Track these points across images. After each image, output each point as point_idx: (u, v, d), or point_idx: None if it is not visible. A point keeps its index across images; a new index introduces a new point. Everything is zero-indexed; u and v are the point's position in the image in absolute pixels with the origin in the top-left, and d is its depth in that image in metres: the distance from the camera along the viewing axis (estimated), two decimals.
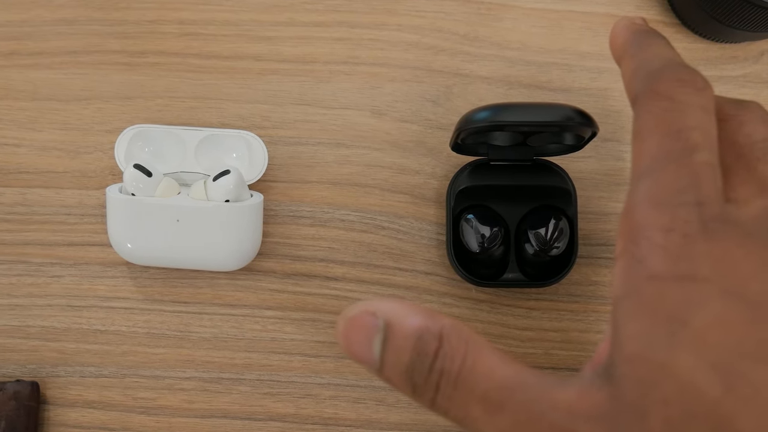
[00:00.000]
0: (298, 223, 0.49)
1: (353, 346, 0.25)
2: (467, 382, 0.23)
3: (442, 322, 0.24)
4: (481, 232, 0.46)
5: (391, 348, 0.24)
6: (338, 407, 0.47)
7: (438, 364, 0.23)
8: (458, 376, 0.23)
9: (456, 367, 0.23)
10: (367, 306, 0.25)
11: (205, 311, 0.48)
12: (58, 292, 0.48)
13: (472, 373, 0.23)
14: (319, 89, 0.49)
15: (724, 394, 0.20)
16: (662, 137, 0.24)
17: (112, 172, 0.49)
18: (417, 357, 0.24)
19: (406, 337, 0.24)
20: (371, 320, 0.24)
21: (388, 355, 0.24)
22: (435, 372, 0.23)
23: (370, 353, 0.24)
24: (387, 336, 0.24)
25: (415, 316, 0.24)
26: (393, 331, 0.24)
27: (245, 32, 0.50)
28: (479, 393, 0.23)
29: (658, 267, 0.21)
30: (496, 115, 0.42)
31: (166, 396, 0.47)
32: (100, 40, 0.50)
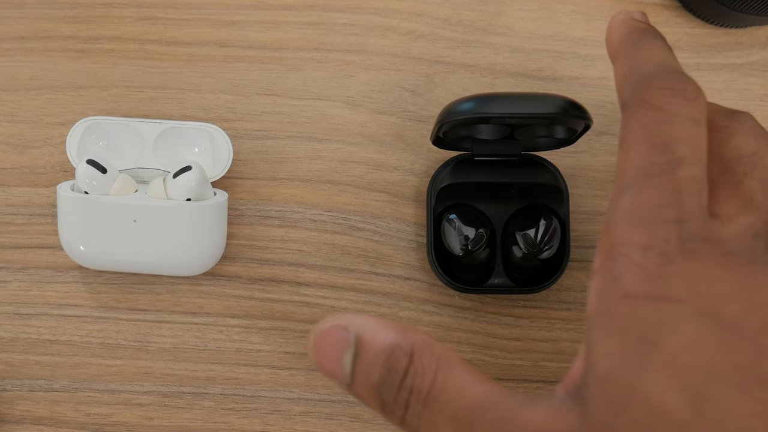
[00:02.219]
0: (265, 224, 0.47)
1: (323, 361, 0.25)
2: (437, 400, 0.24)
3: (413, 339, 0.25)
4: (464, 234, 0.45)
5: (361, 364, 0.25)
6: (309, 423, 0.46)
7: (408, 381, 0.24)
8: (428, 394, 0.24)
9: (426, 385, 0.24)
10: (339, 320, 0.26)
11: (165, 320, 0.47)
12: (4, 298, 0.47)
13: (442, 391, 0.24)
14: (289, 78, 0.48)
15: (693, 418, 0.20)
16: (648, 149, 0.24)
17: (63, 168, 0.48)
18: (387, 374, 0.24)
19: (376, 354, 0.24)
20: (342, 335, 0.25)
21: (358, 371, 0.25)
22: (405, 390, 0.24)
23: (340, 368, 0.25)
24: (358, 351, 0.25)
25: (386, 331, 0.25)
26: (364, 347, 0.25)
27: (208, 16, 0.49)
28: (449, 412, 0.23)
29: (633, 286, 0.22)
30: (480, 106, 0.40)
31: (123, 412, 0.46)
32: (51, 24, 0.49)
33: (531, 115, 0.40)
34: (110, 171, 0.44)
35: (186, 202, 0.43)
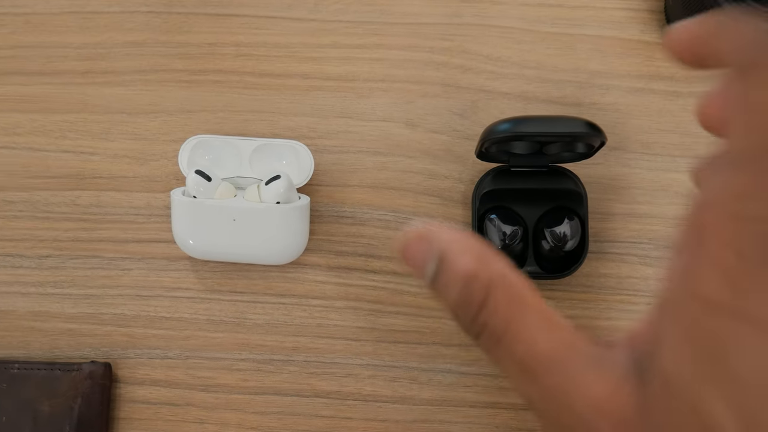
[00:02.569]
0: (340, 223, 0.52)
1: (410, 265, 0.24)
2: (508, 344, 0.22)
3: (491, 270, 0.23)
4: (502, 231, 0.49)
5: (441, 280, 0.24)
6: (376, 385, 0.51)
7: (482, 317, 0.23)
8: (501, 336, 0.23)
9: (500, 326, 0.23)
10: (424, 231, 0.24)
11: (258, 300, 0.52)
12: (128, 283, 0.52)
13: (513, 338, 0.22)
14: (359, 104, 0.53)
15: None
16: None
17: (176, 177, 0.53)
18: (463, 302, 0.23)
19: (455, 279, 0.23)
20: (426, 248, 0.24)
21: (438, 284, 0.24)
22: (478, 323, 0.23)
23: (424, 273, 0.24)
24: (439, 267, 0.23)
25: (466, 257, 0.23)
26: (444, 267, 0.23)
27: (294, 53, 0.54)
28: (518, 358, 0.22)
29: (713, 291, 0.19)
30: (516, 126, 0.44)
31: (224, 375, 0.51)
32: (166, 60, 0.54)
33: (557, 134, 0.45)
34: (214, 179, 0.48)
35: (276, 204, 0.48)
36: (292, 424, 0.51)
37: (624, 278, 0.51)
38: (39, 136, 0.54)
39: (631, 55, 0.54)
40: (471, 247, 0.24)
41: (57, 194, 0.53)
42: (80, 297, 0.52)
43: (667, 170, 0.52)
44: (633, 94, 0.53)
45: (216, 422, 0.51)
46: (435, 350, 0.51)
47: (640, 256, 0.51)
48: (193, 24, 0.55)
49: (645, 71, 0.53)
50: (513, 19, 0.54)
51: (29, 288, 0.53)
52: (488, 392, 0.50)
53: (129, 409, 0.51)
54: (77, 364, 0.50)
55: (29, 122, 0.54)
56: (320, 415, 0.51)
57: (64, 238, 0.53)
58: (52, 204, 0.53)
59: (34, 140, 0.54)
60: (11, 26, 0.55)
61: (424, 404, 0.51)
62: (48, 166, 0.54)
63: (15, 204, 0.54)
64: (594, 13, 0.54)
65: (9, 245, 0.53)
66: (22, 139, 0.54)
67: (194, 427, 0.51)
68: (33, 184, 0.54)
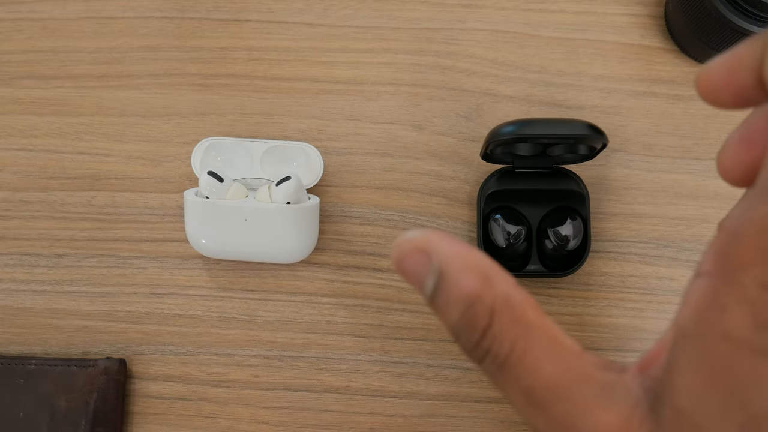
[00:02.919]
0: (349, 222, 0.53)
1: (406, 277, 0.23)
2: (512, 371, 0.21)
3: (495, 292, 0.21)
4: (507, 230, 0.49)
5: (441, 298, 0.22)
6: (384, 381, 0.52)
7: (485, 343, 0.21)
8: (504, 362, 0.21)
9: (504, 352, 0.21)
10: (422, 242, 0.22)
11: (269, 298, 0.53)
12: (142, 281, 0.53)
13: (518, 363, 0.21)
14: (368, 107, 0.54)
15: None
16: None
17: (189, 178, 0.54)
18: (464, 325, 0.22)
19: (456, 298, 0.21)
20: (425, 261, 0.22)
21: (438, 302, 0.22)
22: (481, 349, 0.22)
23: (422, 288, 0.22)
24: (439, 284, 0.22)
25: (469, 276, 0.21)
26: (444, 284, 0.22)
27: (304, 57, 0.55)
28: (523, 386, 0.21)
29: (737, 328, 0.18)
30: (520, 129, 0.45)
31: (236, 371, 0.52)
32: (179, 64, 0.55)
33: (560, 136, 0.45)
34: (226, 180, 0.49)
35: (286, 205, 0.48)
36: (302, 419, 0.52)
37: (625, 277, 0.52)
38: (56, 138, 0.55)
39: (632, 60, 0.55)
40: (474, 264, 0.22)
41: (73, 195, 0.54)
42: (96, 295, 0.53)
43: (668, 171, 0.53)
44: (634, 97, 0.54)
45: (228, 417, 0.52)
46: (441, 347, 0.52)
47: (641, 255, 0.52)
48: (206, 29, 0.56)
49: (646, 75, 0.54)
50: (517, 24, 0.55)
51: (46, 286, 0.54)
52: (493, 388, 0.51)
53: (143, 403, 0.52)
54: (93, 360, 0.51)
55: (46, 125, 0.55)
56: (329, 409, 0.52)
57: (80, 237, 0.54)
58: (68, 204, 0.54)
59: (50, 142, 0.55)
60: (28, 31, 0.57)
61: (430, 399, 0.52)
62: (64, 168, 0.55)
63: (32, 204, 0.55)
64: (596, 18, 0.55)
65: (26, 244, 0.54)
66: (39, 141, 0.55)
67: (207, 421, 0.52)
68: (50, 185, 0.55)
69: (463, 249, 0.22)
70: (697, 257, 0.52)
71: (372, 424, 0.51)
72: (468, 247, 0.22)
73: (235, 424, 0.52)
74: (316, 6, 0.56)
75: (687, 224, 0.53)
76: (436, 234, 0.23)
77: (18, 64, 0.56)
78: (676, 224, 0.53)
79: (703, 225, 0.53)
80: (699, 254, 0.52)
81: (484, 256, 0.22)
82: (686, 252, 0.52)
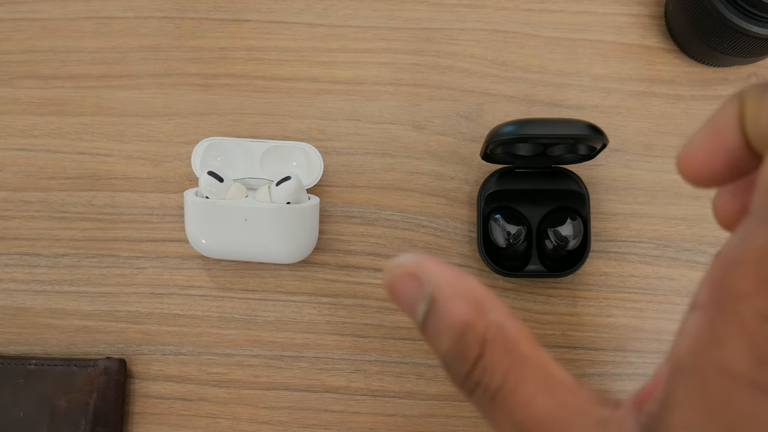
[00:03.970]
0: (349, 222, 0.53)
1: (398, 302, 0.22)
2: (503, 404, 0.20)
3: (488, 320, 0.21)
4: (507, 230, 0.49)
5: (432, 325, 0.21)
6: (384, 381, 0.52)
7: (476, 374, 0.21)
8: (495, 394, 0.20)
9: (494, 384, 0.20)
10: (414, 268, 0.22)
11: (269, 298, 0.53)
12: (142, 281, 0.53)
13: (510, 396, 0.20)
14: (368, 107, 0.54)
15: None
16: None
17: (189, 178, 0.54)
18: (455, 355, 0.21)
19: (447, 326, 0.21)
20: (416, 287, 0.21)
21: (428, 328, 0.22)
22: (471, 380, 0.21)
23: (413, 315, 0.22)
24: (430, 311, 0.21)
25: (461, 303, 0.21)
26: (436, 311, 0.21)
27: (304, 57, 0.55)
28: (514, 420, 0.20)
29: (736, 363, 0.17)
30: (520, 129, 0.45)
31: (236, 371, 0.52)
32: (179, 64, 0.55)
33: (560, 136, 0.45)
34: (226, 180, 0.49)
35: (286, 205, 0.48)
36: (302, 419, 0.52)
37: (625, 276, 0.52)
38: (56, 138, 0.55)
39: (632, 60, 0.55)
40: (465, 290, 0.21)
41: (73, 195, 0.55)
42: (96, 295, 0.53)
43: (667, 171, 0.53)
44: (634, 97, 0.54)
45: (228, 417, 0.52)
46: None
47: (641, 255, 0.53)
48: (206, 29, 0.56)
49: (646, 75, 0.54)
50: (517, 24, 0.55)
51: (46, 286, 0.54)
52: None
53: (143, 403, 0.52)
54: (93, 360, 0.51)
55: (46, 125, 0.56)
56: (330, 409, 0.52)
57: (80, 237, 0.54)
58: (68, 204, 0.55)
59: (51, 142, 0.55)
60: (28, 31, 0.57)
61: (430, 399, 0.52)
62: (64, 168, 0.55)
63: (32, 204, 0.55)
64: (596, 18, 0.55)
65: (26, 244, 0.54)
66: (39, 141, 0.55)
67: (207, 421, 0.52)
68: (50, 185, 0.55)
69: (455, 275, 0.22)
70: (697, 257, 0.52)
71: (372, 424, 0.52)
72: (461, 273, 0.22)
73: (235, 424, 0.52)
74: (316, 6, 0.56)
75: (687, 224, 0.53)
76: (428, 259, 0.22)
77: (18, 64, 0.56)
78: (676, 224, 0.53)
79: (703, 225, 0.53)
80: (699, 254, 0.52)
81: (478, 283, 0.22)
82: (686, 252, 0.52)
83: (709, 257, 0.52)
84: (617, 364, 0.52)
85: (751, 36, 0.47)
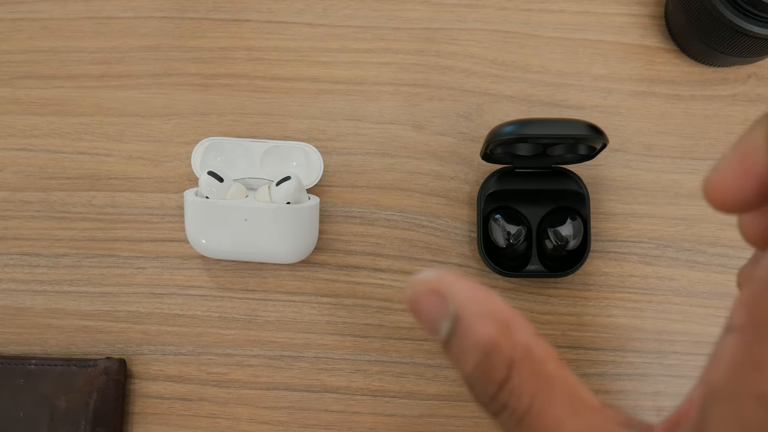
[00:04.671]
0: (349, 222, 0.53)
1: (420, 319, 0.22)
2: (531, 427, 0.20)
3: (514, 341, 0.20)
4: (507, 230, 0.50)
5: (456, 344, 0.21)
6: (384, 381, 0.52)
7: (502, 397, 0.20)
8: (522, 418, 0.20)
9: (522, 407, 0.20)
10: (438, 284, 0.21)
11: (269, 298, 0.53)
12: (142, 281, 0.53)
13: (537, 419, 0.20)
14: (368, 107, 0.54)
15: None
16: None
17: (189, 178, 0.54)
18: (480, 376, 0.20)
19: (472, 348, 0.20)
20: (440, 304, 0.21)
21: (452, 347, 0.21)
22: (498, 402, 0.20)
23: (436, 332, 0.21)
24: (454, 330, 0.21)
25: (486, 323, 0.20)
26: (460, 330, 0.21)
27: (304, 57, 0.55)
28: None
29: None
30: (520, 129, 0.45)
31: (236, 371, 0.52)
32: (179, 64, 0.55)
33: (560, 136, 0.45)
34: (226, 180, 0.49)
35: (286, 205, 0.48)
36: (302, 419, 0.52)
37: (625, 276, 0.52)
38: (56, 138, 0.55)
39: (632, 60, 0.55)
40: (491, 309, 0.21)
41: (73, 195, 0.55)
42: (96, 295, 0.53)
43: (667, 172, 0.53)
44: (634, 97, 0.54)
45: (228, 417, 0.52)
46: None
47: (641, 255, 0.53)
48: (206, 29, 0.56)
49: (646, 75, 0.54)
50: (517, 24, 0.55)
51: (46, 286, 0.54)
52: None
53: (143, 403, 0.52)
54: (93, 360, 0.51)
55: (46, 125, 0.56)
56: (330, 409, 0.52)
57: (80, 237, 0.54)
58: (68, 204, 0.55)
59: (50, 142, 0.55)
60: (28, 31, 0.57)
61: (430, 399, 0.52)
62: (64, 168, 0.55)
63: (32, 204, 0.55)
64: (596, 18, 0.55)
65: (26, 244, 0.54)
66: (39, 141, 0.55)
67: (207, 421, 0.52)
68: (50, 185, 0.55)
69: (480, 293, 0.21)
70: (697, 257, 0.52)
71: (372, 424, 0.52)
72: (486, 291, 0.21)
73: (235, 424, 0.52)
74: (316, 6, 0.56)
75: (687, 224, 0.53)
76: (452, 275, 0.21)
77: (18, 64, 0.56)
78: (676, 224, 0.53)
79: (703, 225, 0.53)
80: (699, 254, 0.52)
81: (503, 302, 0.21)
82: (686, 252, 0.52)
83: (709, 257, 0.52)
84: (617, 364, 0.52)
85: (751, 36, 0.47)
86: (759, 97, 0.54)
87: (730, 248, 0.52)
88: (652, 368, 0.51)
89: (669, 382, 0.51)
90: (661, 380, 0.51)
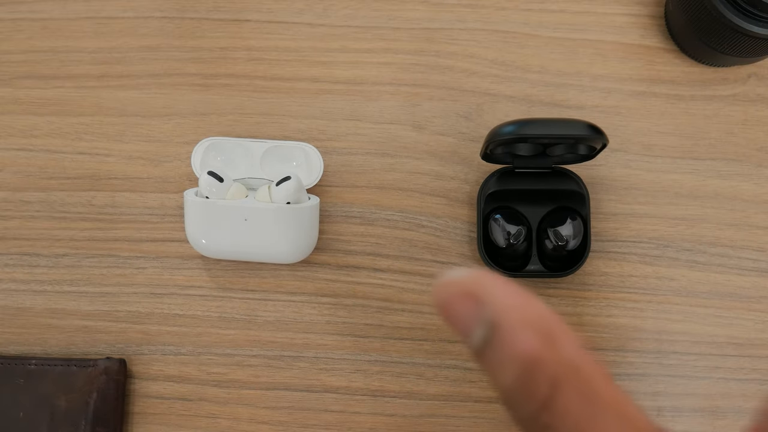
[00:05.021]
0: (349, 222, 0.53)
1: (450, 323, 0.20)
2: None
3: (560, 356, 0.18)
4: (507, 230, 0.49)
5: (492, 354, 0.19)
6: (384, 381, 0.52)
7: (545, 418, 0.18)
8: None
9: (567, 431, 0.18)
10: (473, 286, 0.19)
11: (269, 298, 0.53)
12: (142, 281, 0.53)
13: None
14: (368, 107, 0.54)
15: None
16: None
17: (188, 178, 0.54)
18: (519, 392, 0.19)
19: (511, 360, 0.18)
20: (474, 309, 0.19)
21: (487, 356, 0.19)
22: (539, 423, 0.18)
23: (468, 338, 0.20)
24: (491, 338, 0.19)
25: (529, 333, 0.18)
26: (499, 339, 0.19)
27: (304, 57, 0.55)
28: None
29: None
30: (520, 129, 0.45)
31: (236, 371, 0.52)
32: (179, 64, 0.55)
33: (560, 136, 0.45)
34: (226, 180, 0.49)
35: (286, 205, 0.48)
36: (302, 419, 0.52)
37: (625, 276, 0.52)
38: (55, 138, 0.55)
39: (632, 60, 0.55)
40: (534, 318, 0.19)
41: (73, 195, 0.55)
42: (96, 295, 0.53)
43: (667, 172, 0.53)
44: (634, 97, 0.54)
45: (228, 417, 0.52)
46: (441, 347, 0.52)
47: (641, 255, 0.53)
48: (206, 29, 0.56)
49: (646, 75, 0.54)
50: (517, 24, 0.55)
51: (46, 286, 0.54)
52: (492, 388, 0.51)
53: (143, 403, 0.52)
54: (93, 360, 0.51)
55: (46, 125, 0.55)
56: (330, 409, 0.52)
57: (80, 237, 0.54)
58: (68, 204, 0.54)
59: (50, 142, 0.55)
60: (28, 31, 0.57)
61: (430, 399, 0.52)
62: (64, 168, 0.55)
63: (32, 204, 0.55)
64: (596, 18, 0.55)
65: (26, 244, 0.54)
66: (39, 141, 0.55)
67: (207, 421, 0.52)
68: (50, 185, 0.55)
69: (522, 298, 0.19)
70: (697, 257, 0.52)
71: (372, 424, 0.52)
72: (527, 296, 0.19)
73: (235, 424, 0.52)
74: (316, 6, 0.56)
75: (687, 224, 0.53)
76: (488, 276, 0.19)
77: (18, 64, 0.56)
78: (676, 224, 0.53)
79: (703, 225, 0.53)
80: (699, 254, 0.52)
81: (547, 309, 0.19)
82: (686, 252, 0.52)
83: (709, 257, 0.52)
84: (617, 364, 0.52)
85: (751, 36, 0.47)
86: (759, 97, 0.54)
87: (730, 248, 0.52)
88: (652, 368, 0.51)
89: (669, 382, 0.51)
90: (661, 380, 0.51)
